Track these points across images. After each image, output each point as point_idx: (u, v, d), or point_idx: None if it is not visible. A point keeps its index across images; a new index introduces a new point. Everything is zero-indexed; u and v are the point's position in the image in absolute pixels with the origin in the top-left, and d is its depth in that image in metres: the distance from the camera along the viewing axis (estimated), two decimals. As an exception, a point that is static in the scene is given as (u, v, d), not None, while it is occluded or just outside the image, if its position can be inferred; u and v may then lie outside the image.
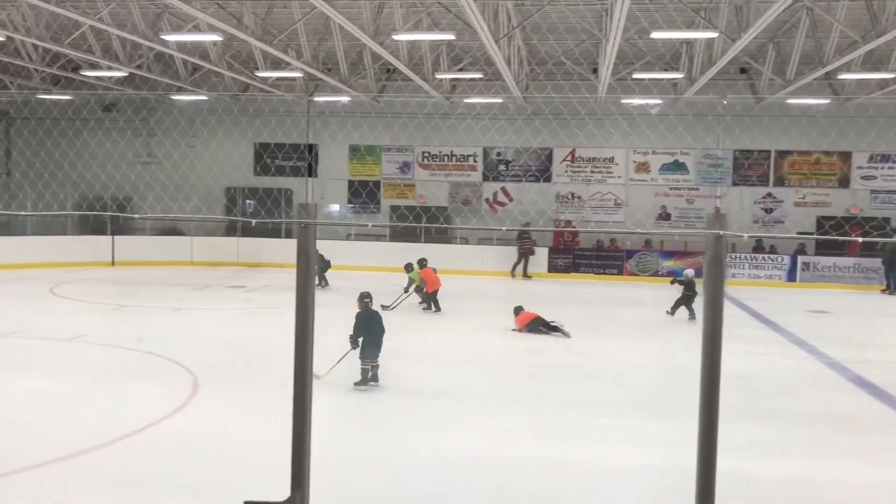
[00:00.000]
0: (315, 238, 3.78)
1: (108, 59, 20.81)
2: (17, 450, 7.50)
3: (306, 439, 3.61)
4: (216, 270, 24.77)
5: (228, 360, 12.05)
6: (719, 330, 4.21)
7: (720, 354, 4.27)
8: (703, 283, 4.41)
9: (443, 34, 17.73)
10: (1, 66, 23.99)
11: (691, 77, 20.70)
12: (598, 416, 9.47)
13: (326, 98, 26.30)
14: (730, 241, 4.19)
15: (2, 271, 21.62)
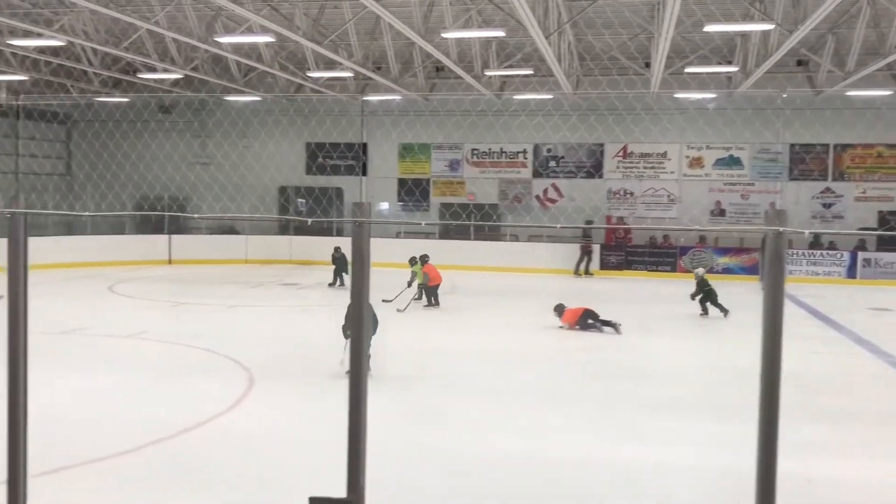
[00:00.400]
0: (369, 237, 3.79)
1: (164, 62, 21.25)
2: (79, 445, 7.70)
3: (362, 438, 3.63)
4: (269, 268, 25.13)
5: (282, 357, 12.21)
6: (779, 328, 4.10)
7: (780, 353, 4.16)
8: (764, 280, 4.31)
9: (493, 31, 17.68)
10: (62, 71, 24.68)
11: (746, 70, 20.28)
12: (652, 415, 9.35)
13: (379, 97, 26.43)
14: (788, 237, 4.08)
15: (64, 270, 22.24)
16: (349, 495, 3.59)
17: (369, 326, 3.87)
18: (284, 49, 21.95)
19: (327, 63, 22.16)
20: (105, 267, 23.70)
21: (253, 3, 15.75)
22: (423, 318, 16.72)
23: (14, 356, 3.66)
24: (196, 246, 26.51)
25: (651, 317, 17.17)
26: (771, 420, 4.14)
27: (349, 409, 3.81)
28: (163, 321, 15.62)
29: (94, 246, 24.88)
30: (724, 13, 16.35)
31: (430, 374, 11.28)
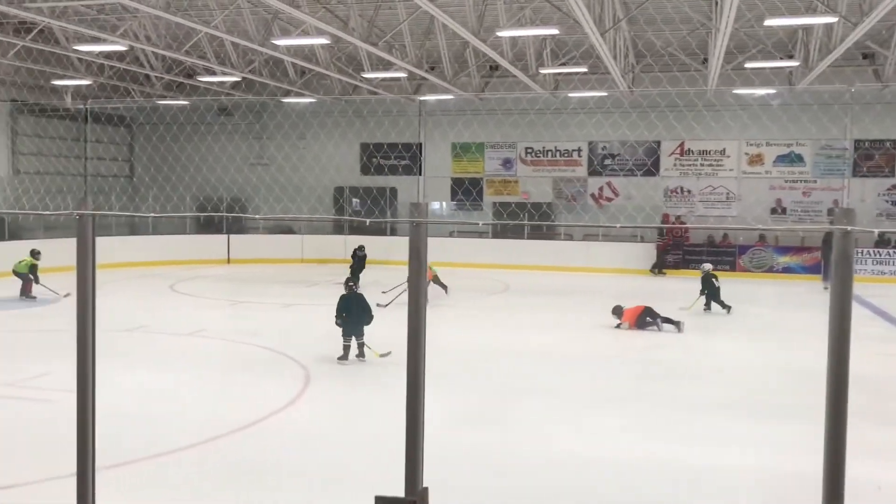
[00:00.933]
0: (426, 237, 3.80)
1: (222, 65, 21.65)
2: (141, 440, 7.89)
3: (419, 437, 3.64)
4: (324, 267, 25.40)
5: (338, 355, 12.30)
6: (847, 329, 3.99)
7: (848, 354, 4.04)
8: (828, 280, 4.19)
9: (547, 29, 17.56)
10: (124, 75, 25.35)
11: (809, 65, 19.77)
12: (710, 416, 9.18)
13: (434, 97, 26.49)
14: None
15: (126, 269, 22.83)
16: (407, 494, 3.61)
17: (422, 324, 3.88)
18: (340, 51, 22.16)
19: (382, 64, 22.30)
20: (166, 266, 24.25)
21: (309, 5, 15.93)
22: (478, 317, 16.71)
23: (83, 353, 3.76)
24: (254, 245, 26.96)
25: (708, 316, 16.87)
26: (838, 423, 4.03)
27: (407, 409, 3.82)
28: (222, 319, 15.92)
29: (155, 246, 25.50)
30: (788, 6, 15.94)
31: (486, 373, 11.27)
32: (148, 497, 6.68)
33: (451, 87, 23.40)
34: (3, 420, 8.71)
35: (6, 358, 11.80)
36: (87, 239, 3.74)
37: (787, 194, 26.13)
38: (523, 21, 16.98)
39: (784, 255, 24.45)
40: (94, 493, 3.87)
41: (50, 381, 9.97)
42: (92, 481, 3.85)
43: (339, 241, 27.18)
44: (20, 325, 14.87)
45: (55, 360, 10.80)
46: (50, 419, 8.44)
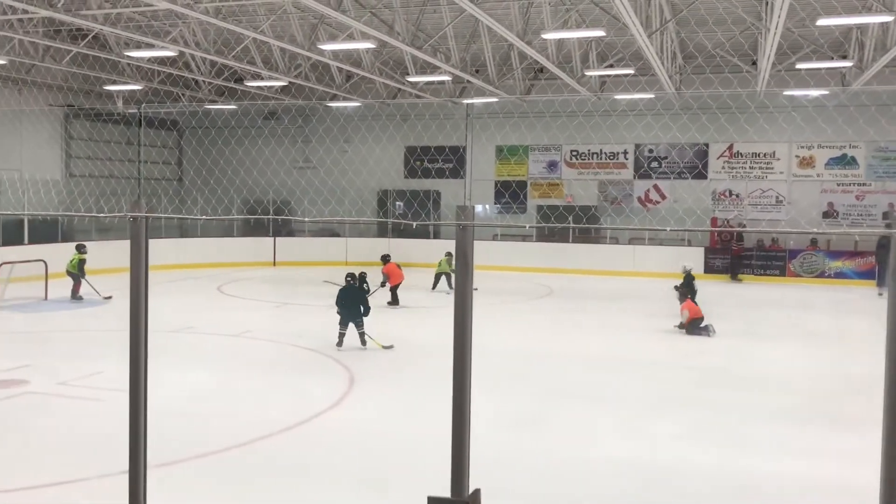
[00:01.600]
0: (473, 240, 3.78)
1: (269, 70, 21.94)
2: (189, 439, 8.01)
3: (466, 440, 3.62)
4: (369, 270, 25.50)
5: (382, 357, 12.37)
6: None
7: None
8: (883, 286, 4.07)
9: (592, 31, 17.43)
10: (174, 80, 25.84)
11: (863, 65, 19.30)
12: (765, 423, 9.00)
13: (479, 100, 26.48)
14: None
15: (175, 271, 23.23)
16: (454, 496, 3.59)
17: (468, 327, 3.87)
18: (385, 54, 22.29)
19: (427, 67, 22.37)
20: (214, 268, 24.62)
21: (355, 9, 16.05)
22: (526, 321, 16.64)
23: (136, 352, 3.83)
24: (299, 248, 27.23)
25: (759, 322, 16.55)
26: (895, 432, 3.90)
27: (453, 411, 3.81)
28: (267, 321, 16.10)
29: (204, 248, 25.90)
30: (844, 5, 15.58)
31: (531, 377, 11.21)
32: (196, 495, 6.77)
33: (496, 89, 23.37)
34: (57, 418, 8.92)
35: (59, 358, 12.09)
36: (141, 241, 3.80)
37: (839, 197, 25.54)
38: (569, 23, 16.88)
39: (836, 259, 23.90)
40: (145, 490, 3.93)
41: (101, 381, 10.18)
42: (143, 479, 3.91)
43: (383, 244, 27.30)
44: (72, 325, 15.22)
45: (106, 359, 11.04)
46: (101, 418, 8.62)
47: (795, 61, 19.74)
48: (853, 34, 19.55)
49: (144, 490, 3.93)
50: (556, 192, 28.48)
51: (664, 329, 14.71)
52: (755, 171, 26.25)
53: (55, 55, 21.85)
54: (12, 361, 11.23)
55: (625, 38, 18.59)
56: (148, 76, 25.02)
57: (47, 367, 11.13)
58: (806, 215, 24.94)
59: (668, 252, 25.01)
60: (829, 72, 21.97)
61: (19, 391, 9.78)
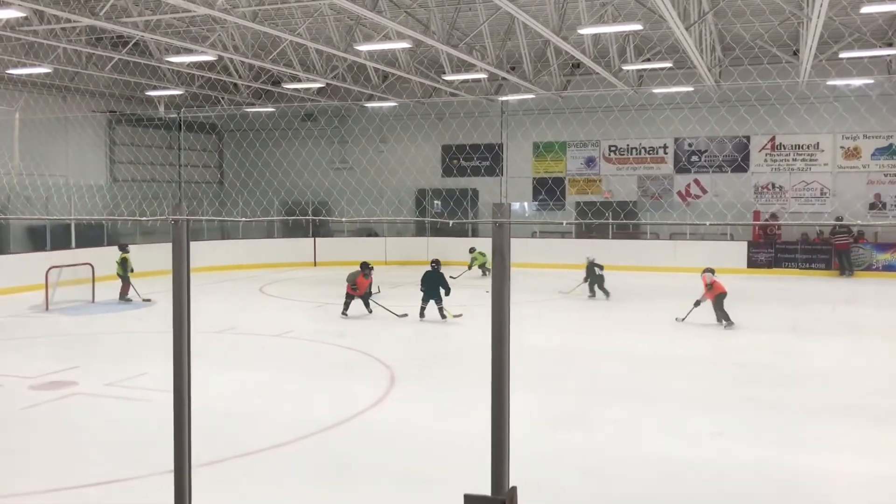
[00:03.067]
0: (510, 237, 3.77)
1: (306, 72, 22.12)
2: (233, 438, 8.11)
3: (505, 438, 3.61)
4: (407, 269, 25.58)
5: (423, 356, 12.42)
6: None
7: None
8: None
9: (629, 24, 17.26)
10: (213, 84, 26.19)
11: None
12: (811, 420, 8.83)
13: (515, 97, 26.39)
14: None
15: (217, 272, 23.54)
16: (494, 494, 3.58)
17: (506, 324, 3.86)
18: (421, 54, 22.33)
19: (463, 66, 22.36)
20: (255, 269, 24.90)
21: (390, 10, 16.11)
22: (564, 318, 16.56)
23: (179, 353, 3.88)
24: (338, 248, 27.40)
25: (805, 317, 16.26)
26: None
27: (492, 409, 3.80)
28: (309, 321, 16.23)
29: (245, 249, 26.22)
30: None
31: (572, 374, 11.15)
32: (240, 494, 6.85)
33: (533, 86, 23.26)
34: (105, 418, 9.10)
35: (106, 359, 12.33)
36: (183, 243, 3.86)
37: (886, 189, 24.97)
38: (605, 18, 16.74)
39: (884, 252, 23.36)
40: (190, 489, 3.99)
41: (147, 381, 10.36)
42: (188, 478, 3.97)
43: (422, 243, 27.38)
44: (118, 327, 15.51)
45: (151, 360, 11.23)
46: (148, 418, 8.77)
47: (838, 50, 19.33)
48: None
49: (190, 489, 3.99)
50: (595, 188, 28.26)
51: (707, 325, 14.51)
52: (798, 163, 25.77)
53: (98, 62, 22.28)
54: (62, 363, 11.49)
55: (661, 31, 18.37)
56: (188, 81, 25.39)
57: (95, 368, 11.36)
58: (851, 207, 24.41)
59: (710, 247, 24.68)
60: (873, 60, 21.46)
61: (68, 392, 10.00)
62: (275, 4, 15.95)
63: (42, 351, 13.05)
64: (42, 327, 15.25)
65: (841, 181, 25.33)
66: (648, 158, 27.54)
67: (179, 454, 3.93)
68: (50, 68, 21.56)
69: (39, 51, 20.64)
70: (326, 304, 18.58)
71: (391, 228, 28.35)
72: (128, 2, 15.63)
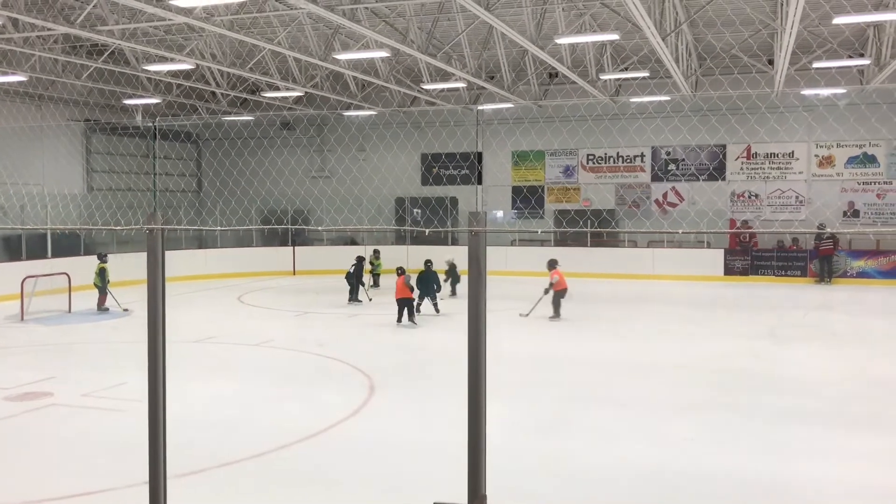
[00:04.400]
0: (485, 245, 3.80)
1: (285, 81, 22.09)
2: (210, 448, 8.06)
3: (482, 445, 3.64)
4: (388, 278, 25.56)
5: (402, 365, 12.42)
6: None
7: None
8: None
9: (607, 34, 17.43)
10: (191, 92, 26.08)
11: (880, 63, 19.14)
12: (784, 426, 8.92)
13: (493, 106, 26.51)
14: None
15: (195, 281, 23.40)
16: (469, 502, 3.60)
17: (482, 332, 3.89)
18: (399, 63, 22.39)
19: (441, 75, 22.45)
20: (233, 278, 24.77)
21: (369, 19, 16.16)
22: (541, 326, 16.61)
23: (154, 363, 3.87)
24: (318, 257, 27.33)
25: (780, 324, 16.43)
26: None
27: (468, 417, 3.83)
28: (288, 330, 16.18)
29: (223, 258, 26.07)
30: (854, 4, 15.48)
31: (551, 382, 11.19)
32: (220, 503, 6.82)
33: (510, 95, 23.39)
34: (81, 429, 9.01)
35: (83, 368, 12.22)
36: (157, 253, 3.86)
37: (859, 196, 25.33)
38: (582, 27, 16.89)
39: (858, 259, 23.68)
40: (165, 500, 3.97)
41: (124, 392, 10.28)
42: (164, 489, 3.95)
43: (402, 252, 27.36)
44: (95, 337, 15.37)
45: (128, 370, 11.13)
46: (124, 428, 8.70)
47: (809, 61, 19.63)
48: (868, 33, 19.40)
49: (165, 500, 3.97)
50: (573, 197, 28.43)
51: (684, 332, 14.64)
52: (774, 171, 26.08)
53: (74, 71, 22.13)
54: (37, 374, 11.36)
55: (636, 40, 18.57)
56: (166, 89, 25.28)
57: (72, 378, 11.25)
58: (824, 215, 24.73)
59: (687, 254, 24.91)
60: (842, 71, 21.80)
61: (44, 403, 9.90)
62: (251, 14, 15.94)
63: (17, 361, 12.90)
64: (17, 337, 15.08)
65: (815, 189, 25.67)
66: (626, 167, 27.76)
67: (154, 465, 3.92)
68: (25, 76, 21.38)
69: (14, 59, 20.48)
70: (306, 312, 18.53)
71: (371, 237, 28.32)
72: (104, 10, 15.55)
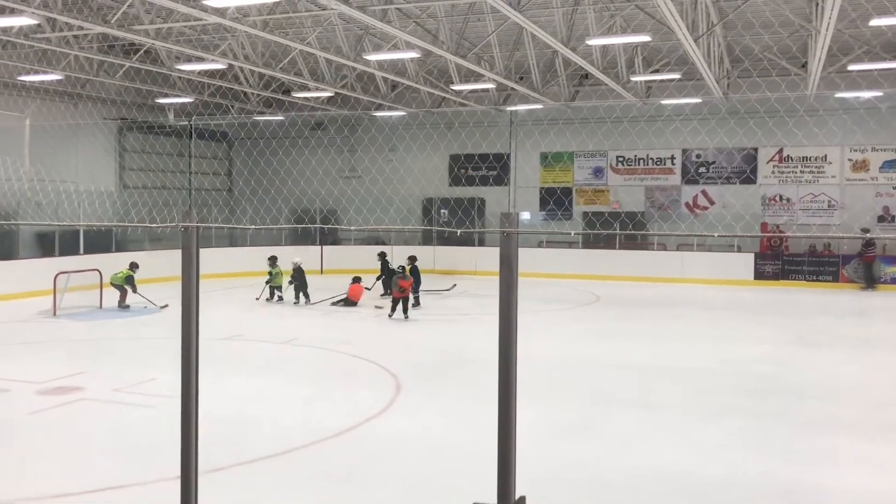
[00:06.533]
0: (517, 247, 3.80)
1: (316, 81, 22.23)
2: (238, 445, 8.12)
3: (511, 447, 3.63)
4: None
5: (428, 364, 12.43)
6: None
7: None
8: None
9: (638, 36, 17.32)
10: (223, 92, 26.33)
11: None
12: (811, 433, 8.80)
13: (523, 107, 26.44)
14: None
15: (225, 280, 23.61)
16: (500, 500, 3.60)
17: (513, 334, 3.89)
18: (430, 64, 22.43)
19: (470, 75, 22.45)
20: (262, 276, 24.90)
21: (399, 20, 16.19)
22: (569, 328, 16.55)
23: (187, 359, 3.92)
24: (346, 256, 27.45)
25: (811, 329, 16.22)
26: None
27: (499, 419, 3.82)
28: (314, 328, 16.27)
29: (253, 257, 26.25)
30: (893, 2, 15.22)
31: (578, 385, 11.15)
32: (246, 500, 6.87)
33: (541, 96, 23.33)
34: (112, 423, 9.14)
35: (113, 364, 12.38)
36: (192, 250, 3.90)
37: (895, 201, 24.91)
38: (614, 29, 16.79)
39: (892, 265, 23.29)
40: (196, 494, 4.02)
41: (154, 388, 10.40)
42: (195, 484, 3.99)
43: (428, 252, 27.41)
44: (125, 333, 15.58)
45: (158, 366, 11.28)
46: (154, 423, 8.81)
47: (847, 63, 19.34)
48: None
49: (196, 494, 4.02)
50: (602, 199, 28.28)
51: (713, 336, 14.49)
52: (806, 175, 25.74)
53: (109, 70, 22.45)
54: (69, 368, 11.54)
55: (670, 42, 18.42)
56: (198, 89, 25.54)
57: (102, 374, 11.40)
58: (859, 220, 24.36)
59: (717, 258, 24.67)
60: (883, 73, 21.45)
61: (76, 397, 10.05)
62: (285, 14, 16.06)
63: (49, 356, 13.11)
64: (50, 332, 15.33)
65: (849, 193, 25.29)
66: (656, 169, 27.54)
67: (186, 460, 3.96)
68: (61, 75, 21.72)
69: (52, 58, 20.82)
70: (333, 311, 18.62)
71: (398, 237, 28.38)
72: (139, 9, 15.76)
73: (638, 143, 26.73)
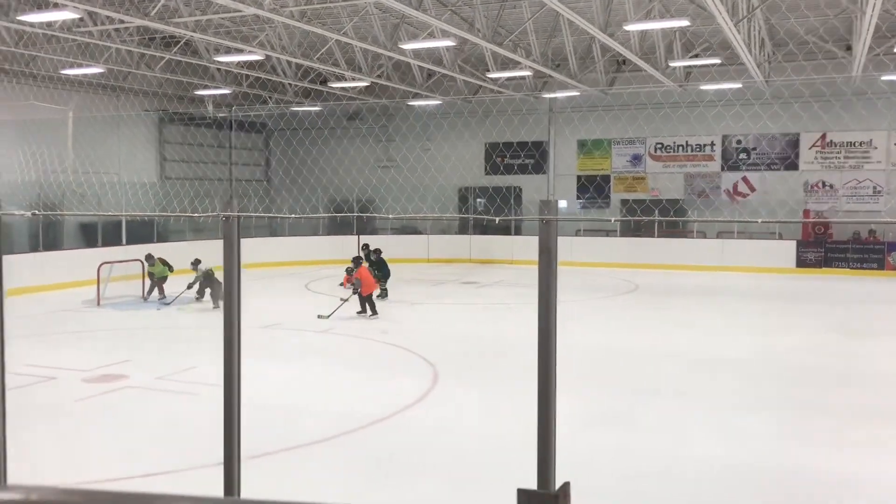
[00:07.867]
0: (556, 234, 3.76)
1: (352, 71, 22.28)
2: (280, 432, 8.22)
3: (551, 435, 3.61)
4: (450, 267, 25.66)
5: (465, 353, 12.44)
6: None
7: None
8: None
9: (676, 21, 17.06)
10: (261, 83, 26.54)
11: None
12: (857, 423, 8.64)
13: (560, 94, 26.22)
14: None
15: (264, 269, 23.85)
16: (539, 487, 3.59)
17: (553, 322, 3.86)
18: (465, 52, 22.35)
19: (506, 63, 22.33)
20: (301, 266, 25.16)
21: (435, 8, 16.15)
22: (607, 317, 16.44)
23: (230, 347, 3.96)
24: (382, 246, 27.38)
25: (854, 318, 15.90)
26: None
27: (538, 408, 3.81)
28: (352, 317, 16.35)
29: (291, 246, 26.52)
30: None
31: (617, 374, 11.08)
32: (288, 486, 6.95)
33: (578, 83, 23.12)
34: (156, 410, 9.30)
35: (156, 353, 12.60)
36: (233, 239, 3.94)
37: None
38: (652, 13, 16.56)
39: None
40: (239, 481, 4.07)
41: (196, 375, 10.56)
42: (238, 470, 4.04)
43: (464, 241, 27.41)
44: (167, 322, 15.83)
45: (200, 354, 11.45)
46: (196, 410, 8.95)
47: (894, 44, 18.85)
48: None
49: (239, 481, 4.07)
50: (641, 186, 27.98)
51: (754, 325, 14.29)
52: (850, 160, 25.19)
53: (149, 62, 22.76)
54: (113, 357, 11.77)
55: (711, 27, 18.12)
56: (236, 80, 25.77)
57: (146, 362, 11.61)
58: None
59: (758, 245, 24.30)
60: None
61: (120, 385, 10.24)
62: (322, 4, 16.11)
63: (94, 345, 13.39)
64: (94, 322, 15.64)
65: (895, 179, 24.70)
66: (696, 156, 27.17)
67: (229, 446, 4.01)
68: (103, 68, 22.07)
69: (93, 51, 21.15)
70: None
71: (435, 226, 28.40)
72: (178, 2, 15.93)
73: (678, 130, 26.36)
